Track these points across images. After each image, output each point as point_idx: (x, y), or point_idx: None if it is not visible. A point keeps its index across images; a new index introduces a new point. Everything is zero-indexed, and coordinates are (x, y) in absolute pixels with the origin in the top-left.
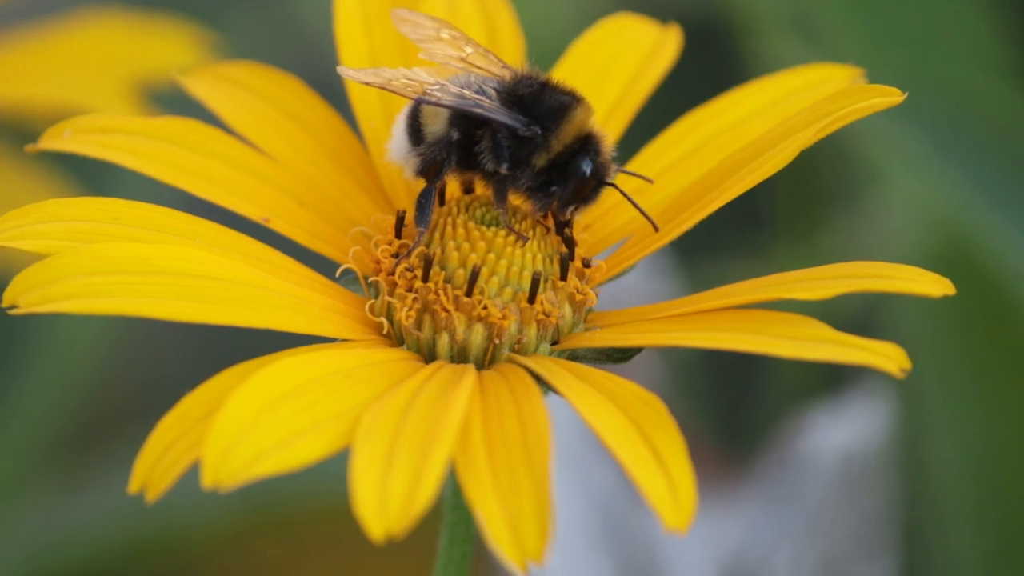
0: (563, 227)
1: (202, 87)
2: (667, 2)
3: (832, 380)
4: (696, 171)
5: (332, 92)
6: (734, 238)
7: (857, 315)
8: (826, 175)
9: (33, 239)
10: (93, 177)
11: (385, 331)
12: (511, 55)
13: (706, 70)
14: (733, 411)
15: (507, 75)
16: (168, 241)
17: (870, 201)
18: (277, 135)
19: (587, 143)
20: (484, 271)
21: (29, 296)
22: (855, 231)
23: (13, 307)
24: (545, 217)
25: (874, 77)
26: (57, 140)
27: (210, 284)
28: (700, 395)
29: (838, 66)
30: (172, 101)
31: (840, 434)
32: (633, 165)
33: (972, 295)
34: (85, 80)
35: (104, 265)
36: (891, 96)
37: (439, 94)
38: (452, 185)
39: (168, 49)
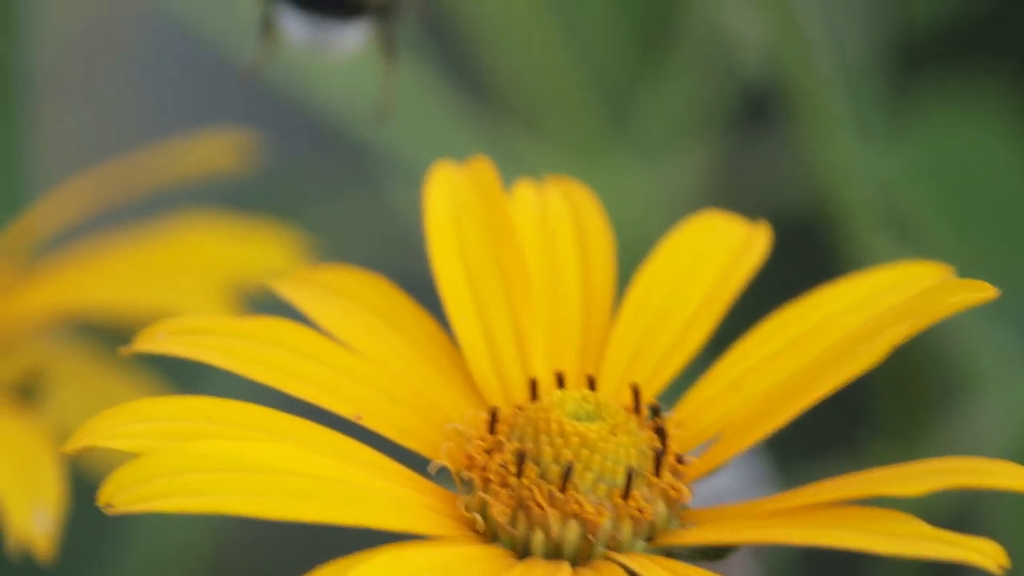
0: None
1: (293, 291)
2: (758, 198)
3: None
4: (787, 368)
5: (422, 283)
6: (833, 438)
7: (957, 510)
8: (925, 373)
9: (126, 439)
10: (184, 377)
11: (479, 528)
12: (601, 256)
13: (798, 265)
14: None
15: None
16: (261, 438)
17: (969, 399)
18: (368, 334)
19: None
20: (578, 466)
21: (124, 495)
22: (954, 430)
23: (108, 506)
24: (638, 413)
25: (967, 274)
26: (152, 342)
27: (305, 481)
28: None
29: (928, 263)
30: (266, 304)
31: None
32: (725, 362)
33: None
34: (181, 285)
35: (198, 463)
36: (983, 291)
37: None
38: (545, 378)
39: (262, 252)
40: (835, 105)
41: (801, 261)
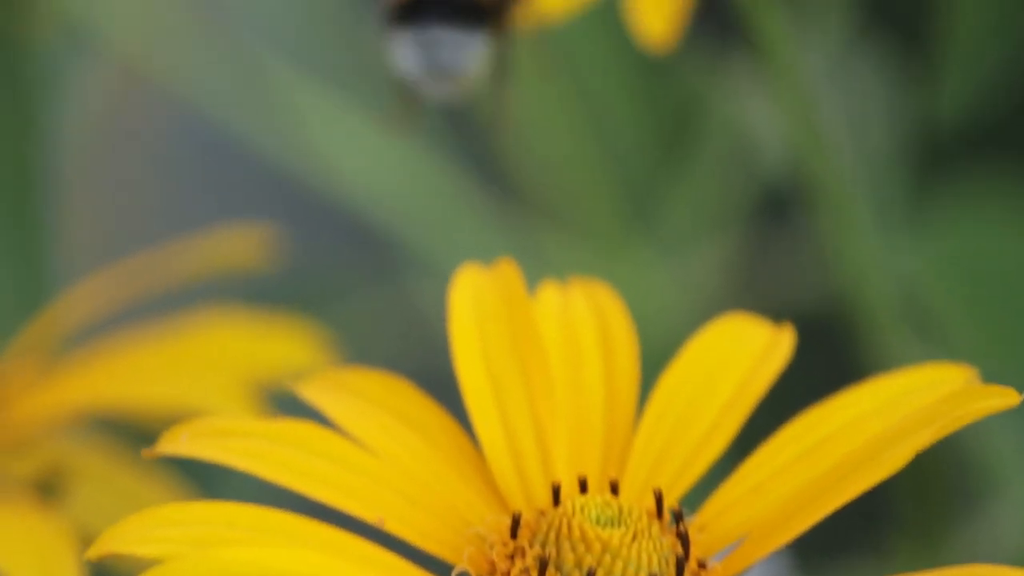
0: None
1: (316, 393)
2: (778, 293)
3: None
4: (810, 472)
5: (445, 378)
6: (852, 535)
7: None
8: (945, 472)
9: (151, 544)
10: (201, 473)
11: None
12: (625, 359)
13: (818, 360)
14: None
15: None
16: (284, 544)
17: (990, 500)
18: (390, 438)
19: None
20: (600, 572)
21: None
22: (974, 531)
23: None
24: (660, 518)
25: (991, 373)
26: (175, 444)
27: None
28: None
29: (954, 366)
30: (288, 399)
31: None
32: (748, 465)
33: None
34: (202, 382)
35: (220, 569)
36: (1008, 398)
37: None
38: (568, 481)
39: (284, 348)
40: (856, 201)
41: (821, 356)
